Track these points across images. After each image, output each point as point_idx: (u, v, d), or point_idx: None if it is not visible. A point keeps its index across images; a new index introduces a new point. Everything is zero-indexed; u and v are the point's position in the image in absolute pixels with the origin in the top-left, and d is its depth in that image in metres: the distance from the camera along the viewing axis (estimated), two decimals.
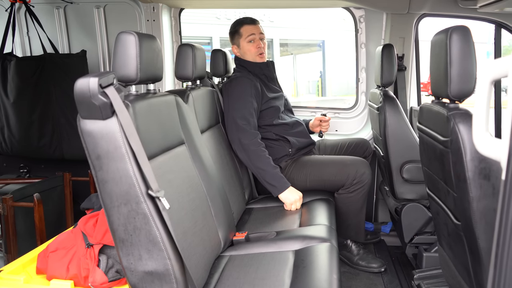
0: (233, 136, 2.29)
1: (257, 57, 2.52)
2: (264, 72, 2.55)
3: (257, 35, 2.51)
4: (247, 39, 2.49)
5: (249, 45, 2.50)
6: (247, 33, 2.50)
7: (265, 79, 2.56)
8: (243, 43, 2.51)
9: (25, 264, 1.68)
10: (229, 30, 2.59)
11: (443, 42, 1.38)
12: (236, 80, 2.41)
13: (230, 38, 2.59)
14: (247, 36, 2.50)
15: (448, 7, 2.72)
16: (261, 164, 2.25)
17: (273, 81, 2.63)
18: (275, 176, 2.25)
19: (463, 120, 1.29)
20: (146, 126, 1.33)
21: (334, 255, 1.66)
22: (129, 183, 1.20)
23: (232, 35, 2.57)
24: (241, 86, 2.37)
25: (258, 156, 2.25)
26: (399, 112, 2.38)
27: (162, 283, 1.26)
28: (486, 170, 1.24)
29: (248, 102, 2.32)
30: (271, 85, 2.59)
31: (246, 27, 2.51)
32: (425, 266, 2.18)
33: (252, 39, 2.50)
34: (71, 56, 3.09)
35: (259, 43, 2.50)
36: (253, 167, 2.27)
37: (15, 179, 3.14)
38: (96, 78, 1.14)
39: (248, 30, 2.50)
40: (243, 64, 2.54)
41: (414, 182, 2.38)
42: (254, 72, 2.51)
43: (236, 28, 2.53)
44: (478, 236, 1.28)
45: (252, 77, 2.46)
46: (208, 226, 1.61)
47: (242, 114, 2.29)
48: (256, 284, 1.47)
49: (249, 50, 2.51)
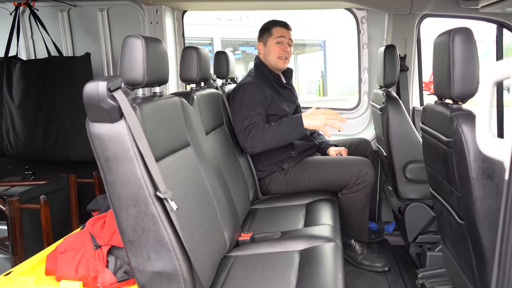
0: (244, 144, 2.29)
1: (278, 60, 2.52)
2: (277, 80, 2.57)
3: (286, 39, 2.53)
4: (276, 39, 2.51)
5: (276, 46, 2.51)
6: (278, 34, 2.52)
7: (277, 86, 2.57)
8: (270, 42, 2.52)
9: (34, 265, 1.70)
10: (261, 27, 2.60)
11: (445, 44, 1.39)
12: (244, 87, 2.41)
13: (259, 35, 2.60)
14: (277, 36, 2.52)
15: (449, 8, 2.73)
16: (271, 137, 2.22)
17: (286, 89, 2.64)
18: (285, 127, 2.22)
19: (466, 121, 1.31)
20: (153, 129, 1.35)
21: (339, 254, 1.68)
22: (138, 185, 1.22)
23: (262, 32, 2.58)
24: (248, 92, 2.37)
25: (264, 138, 2.23)
26: (402, 112, 2.40)
27: (170, 283, 1.28)
28: (490, 170, 1.26)
29: (254, 109, 2.33)
30: (284, 92, 2.60)
31: (278, 28, 2.53)
32: (428, 265, 2.20)
33: (281, 41, 2.51)
34: (75, 59, 3.11)
35: (286, 47, 2.52)
36: (273, 144, 2.25)
37: (20, 181, 3.16)
38: (105, 82, 1.16)
39: (280, 31, 2.52)
40: (260, 66, 2.56)
41: (417, 182, 2.39)
42: (268, 77, 2.53)
43: (269, 27, 2.55)
44: (482, 235, 1.30)
45: (262, 83, 2.47)
46: (214, 226, 1.63)
47: (249, 120, 2.29)
48: (262, 284, 1.48)
49: (274, 50, 2.51)
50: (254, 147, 2.26)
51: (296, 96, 2.73)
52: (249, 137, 2.25)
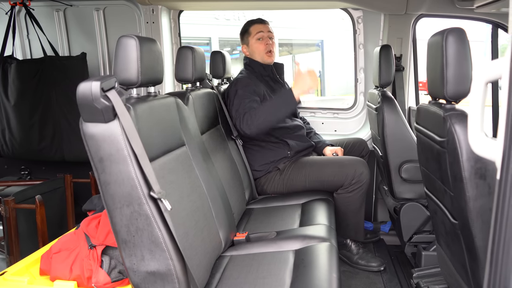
0: (240, 126, 2.28)
1: (265, 56, 2.56)
2: (269, 74, 2.59)
3: (265, 33, 2.56)
4: (256, 36, 2.55)
5: (258, 43, 2.55)
6: (256, 31, 2.55)
7: (270, 81, 2.59)
8: (252, 41, 2.56)
9: (28, 265, 1.70)
10: (240, 31, 2.64)
11: (439, 44, 1.40)
12: (236, 81, 2.46)
13: (241, 39, 2.64)
14: (255, 33, 2.55)
15: (445, 8, 2.74)
16: (264, 112, 2.23)
17: (279, 84, 2.66)
18: (277, 100, 2.25)
19: (459, 121, 1.31)
20: (147, 129, 1.35)
21: (334, 254, 1.68)
22: (131, 184, 1.22)
23: (242, 35, 2.63)
24: (241, 85, 2.40)
25: (259, 116, 2.23)
26: (397, 112, 2.40)
27: (164, 283, 1.28)
28: (482, 170, 1.26)
29: (249, 97, 2.34)
30: (277, 87, 2.62)
31: (255, 26, 2.57)
32: (424, 265, 2.21)
33: (261, 36, 2.55)
34: (71, 59, 3.10)
35: (267, 41, 2.55)
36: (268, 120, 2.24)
37: (16, 181, 3.15)
38: (98, 82, 1.16)
39: (257, 28, 2.56)
40: (250, 64, 2.59)
41: (412, 181, 2.40)
42: (260, 73, 2.56)
43: (246, 28, 2.60)
44: (475, 235, 1.30)
45: (254, 78, 2.50)
46: (209, 226, 1.63)
47: (243, 106, 2.30)
48: (257, 283, 1.49)
49: (258, 48, 2.55)
50: (250, 128, 2.24)
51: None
52: (244, 119, 2.25)
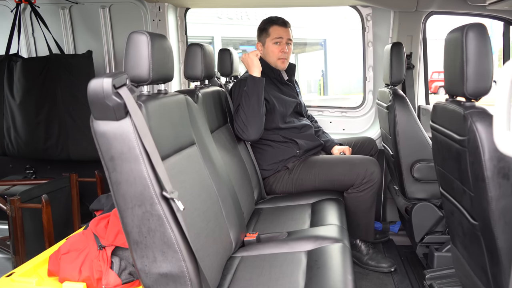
0: (236, 132, 2.28)
1: (278, 61, 2.49)
2: (277, 77, 2.54)
3: (284, 39, 2.47)
4: (274, 40, 2.46)
5: (274, 46, 2.47)
6: (275, 35, 2.46)
7: (277, 82, 2.54)
8: (268, 43, 2.48)
9: (36, 266, 1.67)
10: (258, 26, 2.55)
11: (458, 40, 1.36)
12: (239, 82, 2.38)
13: (258, 34, 2.55)
14: (274, 37, 2.46)
15: (456, 5, 2.70)
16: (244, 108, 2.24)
17: (287, 85, 2.61)
18: (246, 95, 2.24)
19: (480, 119, 1.27)
20: (158, 127, 1.31)
21: (347, 255, 1.64)
22: (143, 184, 1.18)
23: (260, 32, 2.53)
24: (244, 87, 2.34)
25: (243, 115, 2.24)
26: (409, 110, 2.36)
27: (176, 285, 1.25)
28: (505, 169, 1.22)
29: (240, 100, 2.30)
30: (284, 88, 2.57)
31: (275, 28, 2.47)
32: (436, 266, 2.17)
33: (279, 41, 2.46)
34: (77, 57, 3.08)
35: (284, 47, 2.47)
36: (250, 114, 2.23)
37: (21, 180, 3.13)
38: (110, 78, 1.12)
39: (277, 31, 2.47)
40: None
41: (424, 181, 2.36)
42: (267, 74, 2.48)
43: (266, 27, 2.49)
44: (497, 236, 1.27)
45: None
46: (220, 226, 1.59)
47: (235, 113, 2.28)
48: (270, 285, 1.45)
49: (273, 52, 2.47)
50: (243, 131, 2.24)
51: (297, 92, 2.69)
52: (237, 123, 2.25)
